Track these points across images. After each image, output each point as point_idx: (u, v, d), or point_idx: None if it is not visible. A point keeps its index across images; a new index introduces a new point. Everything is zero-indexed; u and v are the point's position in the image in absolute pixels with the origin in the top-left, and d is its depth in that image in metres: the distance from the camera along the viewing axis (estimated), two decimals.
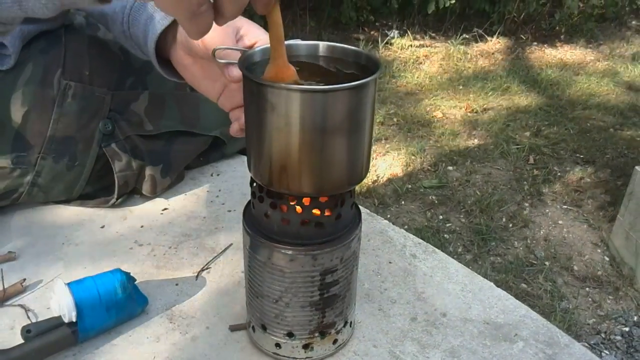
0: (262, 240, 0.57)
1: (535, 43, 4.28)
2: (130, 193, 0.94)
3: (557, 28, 4.40)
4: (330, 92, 0.47)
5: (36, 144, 0.82)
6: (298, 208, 0.54)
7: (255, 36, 0.62)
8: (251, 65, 0.55)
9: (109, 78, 0.86)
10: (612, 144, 2.85)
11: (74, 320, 0.63)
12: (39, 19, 0.78)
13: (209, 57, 0.61)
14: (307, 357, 0.63)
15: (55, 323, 0.64)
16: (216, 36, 0.59)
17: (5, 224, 0.88)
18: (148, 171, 0.90)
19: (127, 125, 0.88)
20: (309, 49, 0.58)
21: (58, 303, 0.64)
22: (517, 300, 0.75)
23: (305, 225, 0.55)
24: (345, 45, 0.56)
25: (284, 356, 0.63)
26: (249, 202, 0.61)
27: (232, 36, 0.61)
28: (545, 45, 4.26)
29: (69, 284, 0.64)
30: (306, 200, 0.54)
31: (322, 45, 0.57)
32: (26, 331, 0.63)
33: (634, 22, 4.68)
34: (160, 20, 0.66)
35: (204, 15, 0.38)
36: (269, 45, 0.56)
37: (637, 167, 1.95)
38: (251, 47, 0.61)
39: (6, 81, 0.79)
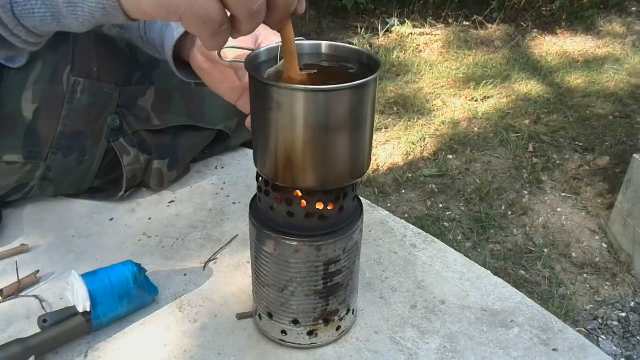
0: (268, 232, 0.59)
1: (535, 30, 4.27)
2: (138, 186, 0.96)
3: (558, 15, 4.39)
4: (332, 92, 0.50)
5: (47, 139, 0.84)
6: (303, 201, 0.57)
7: (272, 42, 0.63)
8: (257, 65, 0.57)
9: (116, 74, 0.88)
10: (611, 132, 2.86)
11: (88, 309, 0.65)
12: None
13: (226, 63, 0.62)
14: (311, 343, 0.66)
15: (70, 313, 0.66)
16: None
17: (17, 217, 0.90)
18: (155, 165, 0.92)
19: (135, 120, 0.90)
20: (312, 48, 0.60)
21: (73, 293, 0.67)
22: (514, 288, 0.78)
23: (309, 217, 0.58)
24: (347, 45, 0.58)
25: (290, 342, 0.66)
26: (255, 195, 0.63)
27: (252, 41, 0.63)
28: (545, 33, 4.25)
29: (83, 276, 0.67)
30: (311, 194, 0.57)
31: (325, 44, 0.59)
32: (42, 321, 0.65)
33: (634, 9, 4.67)
34: (177, 27, 0.68)
35: (224, 34, 0.41)
36: (274, 45, 0.58)
37: (635, 155, 1.97)
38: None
39: (17, 79, 0.81)
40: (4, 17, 0.40)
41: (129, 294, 0.69)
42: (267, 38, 0.63)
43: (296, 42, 0.59)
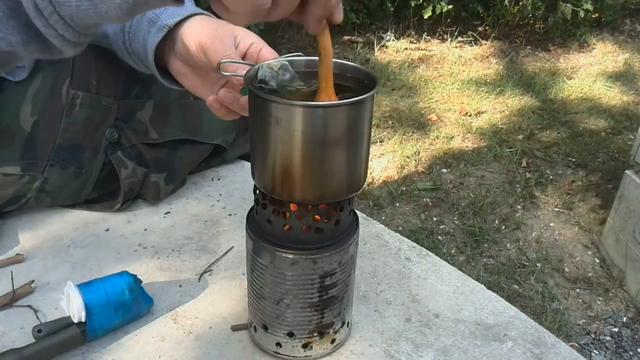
0: (264, 244, 0.60)
1: (529, 47, 4.32)
2: (134, 197, 0.97)
3: (551, 32, 4.44)
4: (330, 108, 0.51)
5: (45, 151, 0.84)
6: (299, 215, 0.58)
7: (250, 40, 0.66)
8: (256, 80, 0.58)
9: (115, 87, 0.88)
10: (603, 148, 2.89)
11: (83, 320, 0.66)
12: None
13: (209, 66, 0.64)
14: (306, 356, 0.66)
15: (65, 323, 0.66)
16: (218, 47, 0.63)
17: (12, 227, 0.91)
18: (152, 178, 0.93)
19: (133, 133, 0.91)
20: (309, 64, 0.61)
21: (68, 304, 0.67)
22: (507, 302, 0.79)
23: (306, 230, 0.58)
24: (346, 62, 0.59)
25: (284, 355, 0.66)
26: (252, 208, 0.64)
27: (232, 44, 0.65)
28: (539, 49, 4.30)
29: (78, 286, 0.67)
30: (307, 208, 0.58)
31: None
32: (37, 331, 0.65)
33: (626, 27, 4.74)
34: (156, 33, 0.69)
35: (263, 14, 0.41)
36: (272, 60, 0.59)
37: (627, 171, 1.99)
38: (247, 50, 0.65)
39: (17, 91, 0.81)
40: (39, 2, 0.38)
41: (124, 305, 0.69)
42: (245, 38, 0.65)
43: (294, 57, 0.60)
